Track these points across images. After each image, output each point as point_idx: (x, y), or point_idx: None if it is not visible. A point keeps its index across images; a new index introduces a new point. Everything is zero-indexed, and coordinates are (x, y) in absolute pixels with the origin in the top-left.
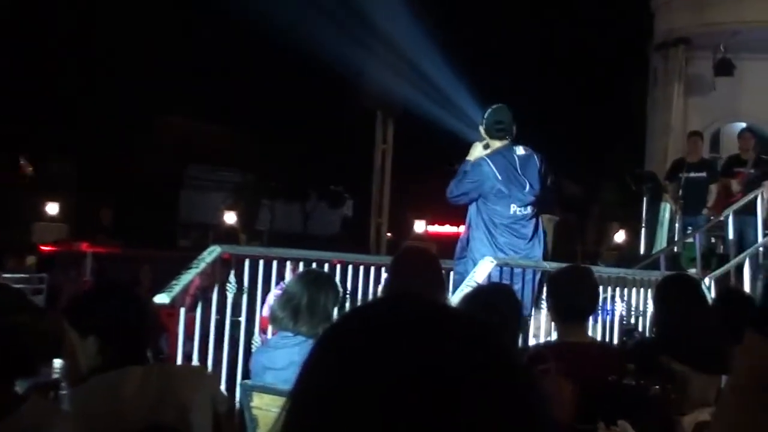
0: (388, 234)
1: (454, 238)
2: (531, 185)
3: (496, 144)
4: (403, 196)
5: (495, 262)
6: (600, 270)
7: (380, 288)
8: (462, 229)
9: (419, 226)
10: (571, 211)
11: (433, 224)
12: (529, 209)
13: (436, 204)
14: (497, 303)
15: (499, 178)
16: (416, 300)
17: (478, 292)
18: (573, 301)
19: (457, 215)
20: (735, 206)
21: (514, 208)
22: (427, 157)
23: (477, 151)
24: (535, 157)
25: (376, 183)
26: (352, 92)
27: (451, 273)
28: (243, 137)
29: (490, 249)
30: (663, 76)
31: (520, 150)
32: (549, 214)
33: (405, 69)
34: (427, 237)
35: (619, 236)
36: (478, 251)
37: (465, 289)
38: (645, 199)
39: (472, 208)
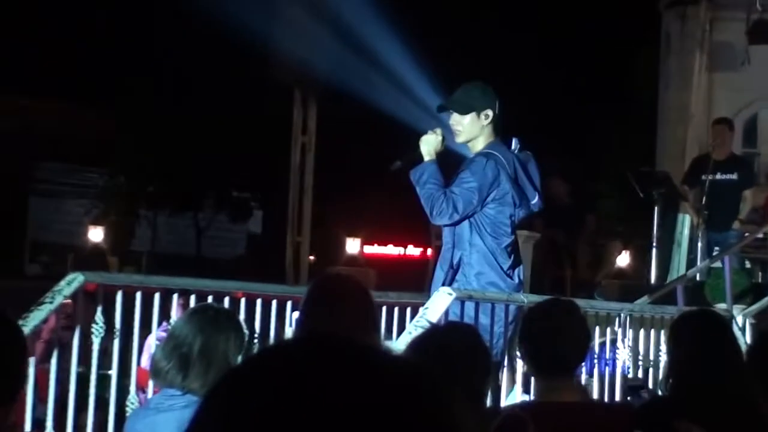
0: (310, 257)
1: (400, 263)
2: (540, 195)
3: (479, 139)
4: (330, 207)
5: (453, 294)
6: (596, 305)
7: (292, 329)
8: (411, 251)
9: (352, 247)
10: (556, 225)
11: (370, 244)
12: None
13: (376, 217)
14: (455, 348)
15: (510, 184)
16: (334, 342)
17: (431, 334)
18: (554, 346)
19: (405, 232)
20: None
21: (519, 222)
22: (363, 153)
23: (430, 146)
24: (533, 159)
25: (294, 188)
26: (259, 62)
27: (407, 311)
28: (112, 124)
29: (500, 278)
30: (679, 44)
31: (513, 146)
32: (526, 230)
33: (332, 32)
34: (362, 261)
35: (622, 259)
36: (478, 280)
37: (412, 330)
38: (656, 208)
39: (464, 225)
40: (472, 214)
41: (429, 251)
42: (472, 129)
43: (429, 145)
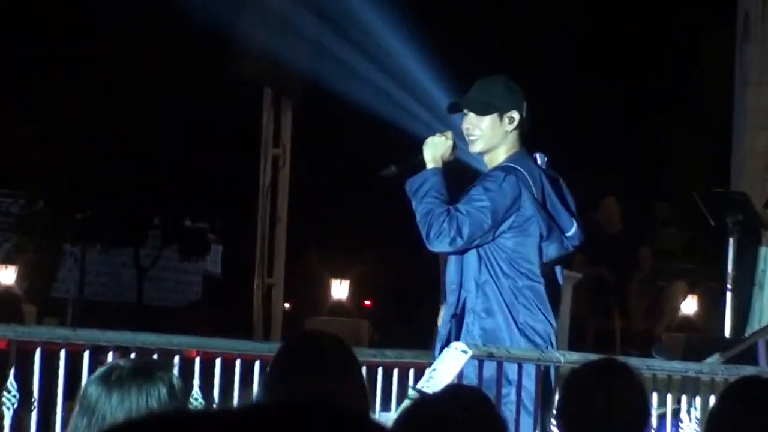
0: (285, 305)
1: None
2: (578, 224)
3: (500, 149)
4: (311, 239)
5: (469, 352)
6: (654, 365)
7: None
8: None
9: (339, 291)
10: (603, 261)
11: (365, 288)
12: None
13: (372, 253)
14: (457, 419)
15: (536, 209)
16: (309, 413)
17: (427, 402)
18: (603, 422)
19: (410, 273)
20: None
21: (549, 261)
22: (354, 170)
23: (437, 150)
24: (560, 178)
25: (264, 216)
26: (219, 53)
27: (409, 373)
28: (28, 132)
29: (513, 333)
30: (760, 28)
31: (539, 162)
32: (565, 268)
33: (312, 16)
34: (354, 310)
35: (689, 305)
36: (482, 335)
37: (414, 397)
38: (731, 240)
39: (471, 259)
40: (482, 243)
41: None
42: (492, 135)
43: (435, 149)
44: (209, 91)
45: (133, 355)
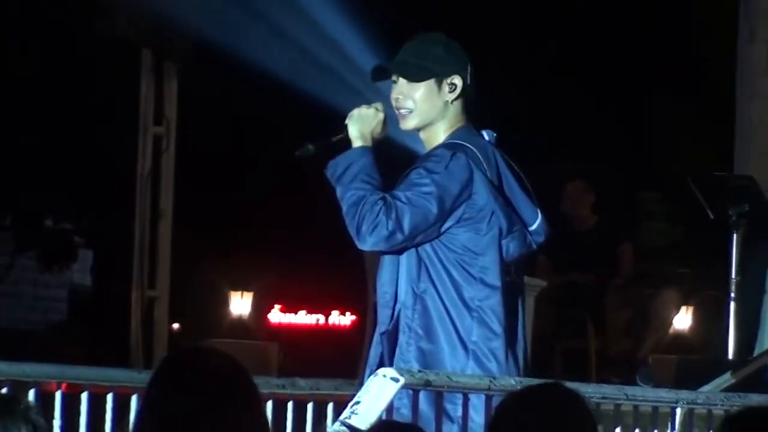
0: (173, 325)
1: (318, 334)
2: (542, 215)
3: (439, 124)
4: (203, 241)
5: (401, 380)
6: (637, 394)
7: None
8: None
9: (240, 306)
10: (574, 263)
11: (272, 304)
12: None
13: (281, 259)
14: None
15: (492, 195)
16: None
17: None
18: None
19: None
20: None
21: (509, 262)
22: (254, 152)
23: (365, 125)
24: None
25: (143, 211)
26: (84, 7)
27: (328, 407)
28: None
29: (464, 356)
30: None
31: (488, 139)
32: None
33: None
34: (258, 330)
35: (682, 319)
36: (420, 358)
37: None
38: (735, 237)
39: (408, 262)
40: (426, 239)
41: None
42: (429, 107)
43: (363, 123)
44: (70, 54)
45: None
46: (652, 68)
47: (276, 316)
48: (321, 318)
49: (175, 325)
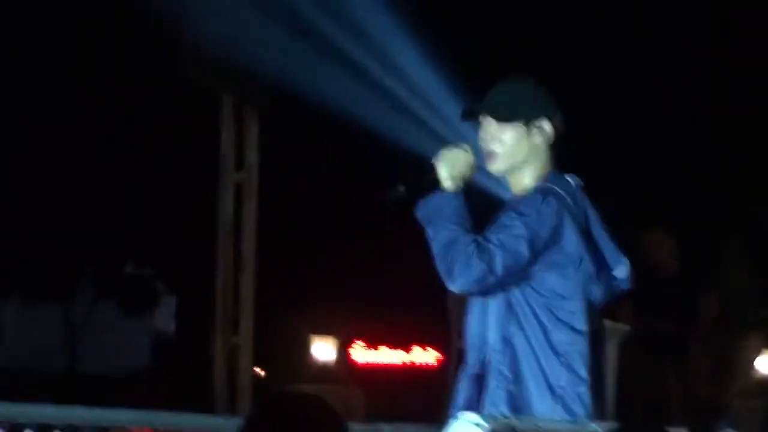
0: (256, 370)
1: (402, 376)
2: (627, 260)
3: (527, 168)
4: (286, 288)
5: (485, 426)
6: None
7: None
8: (420, 355)
9: (324, 352)
10: (656, 311)
11: (355, 347)
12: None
13: (363, 304)
14: None
15: (581, 241)
16: None
17: None
18: None
19: (411, 326)
20: None
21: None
22: (339, 199)
23: (454, 167)
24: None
25: (226, 259)
26: (166, 56)
27: None
28: None
29: (554, 400)
30: None
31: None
32: (605, 319)
33: (283, 10)
34: (343, 375)
35: (765, 363)
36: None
37: None
38: None
39: (497, 306)
40: (516, 282)
41: (449, 356)
42: (516, 150)
43: (452, 165)
44: (152, 102)
45: None
46: (731, 107)
47: (358, 354)
48: (403, 354)
49: (258, 371)
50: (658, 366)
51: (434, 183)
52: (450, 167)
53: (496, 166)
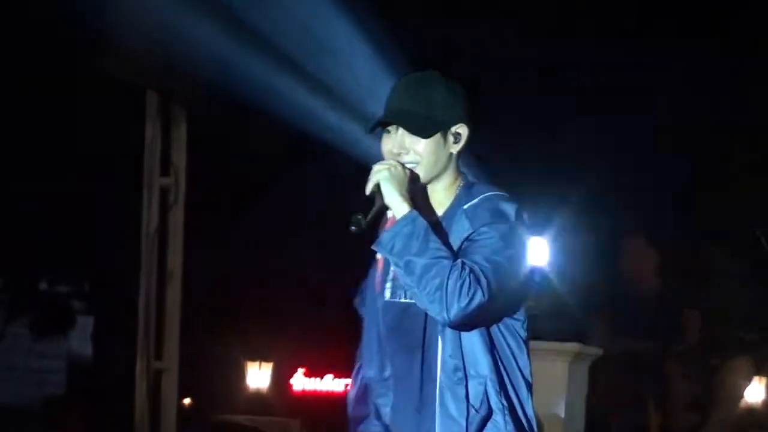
0: (184, 401)
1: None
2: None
3: (443, 178)
4: (217, 306)
5: None
6: None
7: None
8: None
9: (259, 378)
10: (633, 330)
11: (294, 371)
12: None
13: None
14: None
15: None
16: None
17: None
18: None
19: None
20: None
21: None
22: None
23: (395, 184)
24: None
25: (148, 274)
26: (84, 48)
27: None
28: None
29: None
30: None
31: None
32: (573, 341)
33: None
34: (279, 405)
35: (754, 391)
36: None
37: None
38: None
39: (471, 338)
40: (510, 309)
41: None
42: (434, 159)
43: (399, 184)
44: (67, 97)
45: None
46: (721, 121)
47: (300, 381)
48: (349, 383)
49: (186, 400)
50: (636, 391)
51: (384, 209)
52: (398, 186)
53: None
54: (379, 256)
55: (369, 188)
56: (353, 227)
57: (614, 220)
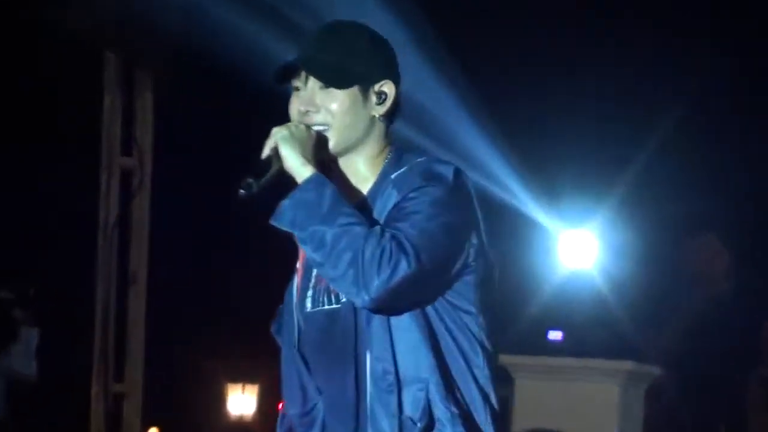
0: (151, 430)
1: None
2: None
3: (366, 144)
4: (190, 315)
5: None
6: None
7: None
8: None
9: (240, 404)
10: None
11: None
12: None
13: None
14: None
15: (482, 228)
16: None
17: None
18: None
19: None
20: None
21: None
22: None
23: (296, 145)
24: None
25: (106, 275)
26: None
27: None
28: None
29: None
30: None
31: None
32: (624, 360)
33: None
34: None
35: None
36: None
37: None
38: None
39: (412, 322)
40: (442, 287)
41: None
42: (351, 121)
43: (301, 146)
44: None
45: None
46: None
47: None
48: None
49: (152, 431)
50: (704, 421)
51: (282, 174)
52: (300, 148)
53: (331, 147)
54: (299, 264)
55: (265, 152)
56: (242, 191)
57: (680, 212)
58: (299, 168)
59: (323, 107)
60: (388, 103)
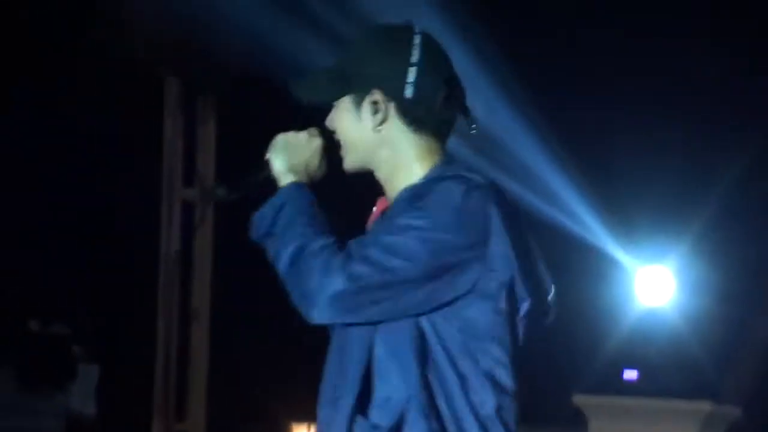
0: None
1: None
2: (551, 287)
3: (400, 174)
4: (255, 352)
5: None
6: None
7: None
8: None
9: None
10: None
11: None
12: None
13: None
14: None
15: (514, 255)
16: None
17: None
18: None
19: None
20: None
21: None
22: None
23: (291, 158)
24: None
25: (167, 311)
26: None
27: None
28: None
29: None
30: None
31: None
32: (704, 399)
33: None
34: None
35: None
36: None
37: None
38: None
39: (398, 339)
40: (403, 307)
41: None
42: (355, 139)
43: (291, 154)
44: (68, 85)
45: None
46: None
47: None
48: None
49: None
50: None
51: (268, 182)
52: (289, 157)
53: (345, 165)
54: None
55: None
56: (215, 195)
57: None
58: (281, 175)
59: (333, 122)
60: (383, 113)
